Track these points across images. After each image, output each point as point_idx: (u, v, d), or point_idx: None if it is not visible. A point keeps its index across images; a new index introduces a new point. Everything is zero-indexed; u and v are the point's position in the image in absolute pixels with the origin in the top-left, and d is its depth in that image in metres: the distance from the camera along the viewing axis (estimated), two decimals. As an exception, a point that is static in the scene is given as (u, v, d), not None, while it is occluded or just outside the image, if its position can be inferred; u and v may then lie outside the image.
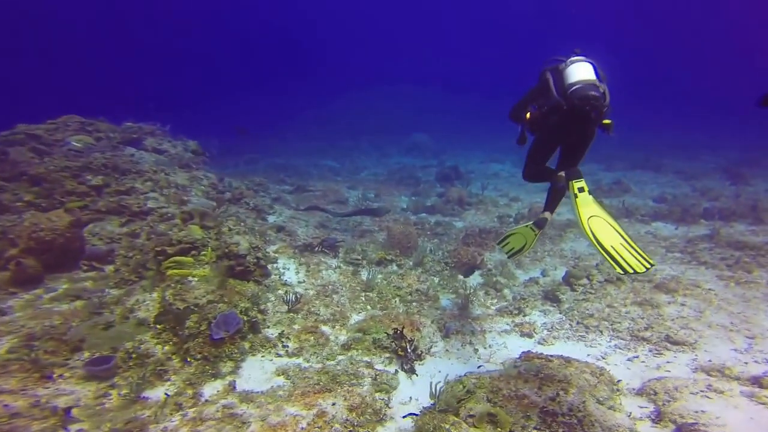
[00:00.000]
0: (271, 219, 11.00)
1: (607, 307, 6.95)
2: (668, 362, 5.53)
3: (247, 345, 5.61)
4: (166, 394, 4.65)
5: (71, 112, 11.89)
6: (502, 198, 15.46)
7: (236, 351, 5.35)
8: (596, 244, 4.17)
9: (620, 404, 4.51)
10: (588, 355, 5.82)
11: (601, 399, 4.36)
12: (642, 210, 12.67)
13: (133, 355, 4.97)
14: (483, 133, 31.90)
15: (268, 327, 6.22)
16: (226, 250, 6.35)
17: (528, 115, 5.01)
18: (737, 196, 14.03)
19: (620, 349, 5.95)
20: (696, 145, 23.85)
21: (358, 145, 28.37)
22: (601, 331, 6.37)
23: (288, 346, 5.87)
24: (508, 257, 5.54)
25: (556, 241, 10.36)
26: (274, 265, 7.91)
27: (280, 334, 6.03)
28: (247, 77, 57.70)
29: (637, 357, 5.71)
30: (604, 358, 5.73)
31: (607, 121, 4.42)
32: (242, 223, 9.32)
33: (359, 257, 8.72)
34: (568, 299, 7.39)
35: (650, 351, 5.82)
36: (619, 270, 3.99)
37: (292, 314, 6.58)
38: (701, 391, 4.65)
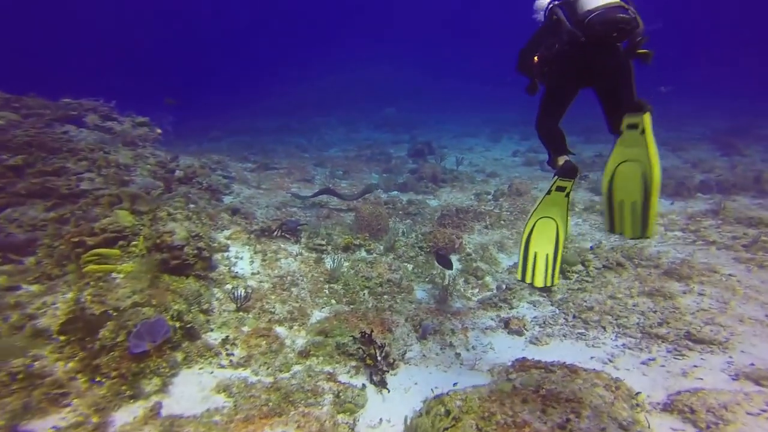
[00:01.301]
0: (227, 199, 9.88)
1: (610, 299, 6.07)
2: (695, 366, 4.60)
3: (179, 356, 4.58)
4: (53, 427, 3.60)
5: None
6: (478, 174, 14.61)
7: (165, 365, 4.32)
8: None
9: (648, 428, 3.60)
10: (591, 357, 4.94)
11: (624, 423, 3.44)
12: (631, 184, 11.80)
13: (19, 376, 3.88)
14: (455, 108, 31.11)
15: (212, 330, 5.19)
16: (158, 241, 5.26)
17: (536, 58, 4.06)
18: (733, 167, 13.27)
19: (630, 349, 5.05)
20: (679, 115, 23.08)
21: (328, 122, 27.13)
22: (604, 328, 5.49)
23: (233, 355, 4.87)
24: (549, 286, 4.26)
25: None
26: (225, 254, 6.85)
27: (225, 340, 5.02)
28: (217, 55, 55.27)
29: (653, 359, 4.79)
30: (611, 361, 4.83)
31: (643, 51, 3.52)
32: (192, 205, 8.23)
33: (323, 242, 7.71)
34: (561, 289, 6.53)
35: (669, 352, 4.90)
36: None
37: (241, 314, 5.57)
38: (763, 410, 3.69)
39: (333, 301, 6.22)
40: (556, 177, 3.91)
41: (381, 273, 6.85)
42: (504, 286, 6.76)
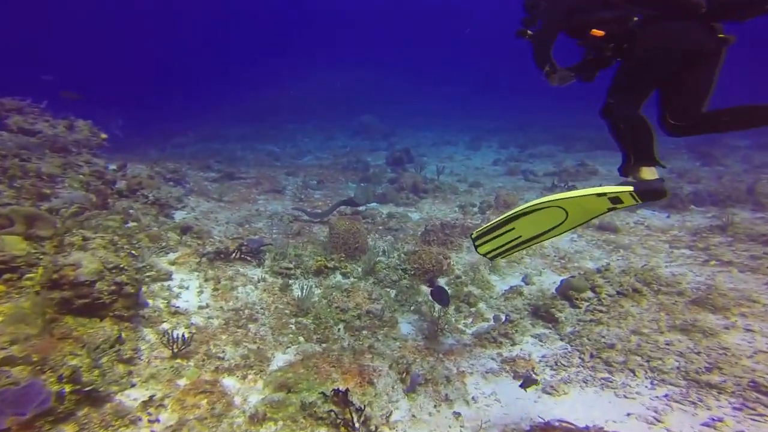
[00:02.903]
0: (178, 215, 8.52)
1: (634, 334, 4.97)
2: (794, 433, 3.45)
3: (69, 430, 3.27)
4: None
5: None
6: (460, 184, 13.57)
7: (45, 449, 3.03)
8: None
9: None
10: (628, 414, 3.81)
11: None
12: (622, 195, 10.94)
13: None
14: (432, 114, 30.41)
15: (133, 386, 3.91)
16: (56, 276, 3.93)
17: (598, 32, 3.08)
18: (718, 178, 12.61)
19: (678, 402, 3.91)
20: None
21: (303, 128, 25.83)
22: (633, 372, 4.36)
23: (159, 421, 3.60)
24: (490, 257, 3.90)
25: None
26: (166, 284, 5.57)
27: (149, 401, 3.74)
28: (189, 58, 53.27)
29: (720, 420, 3.64)
30: (659, 421, 3.69)
31: (724, 35, 2.88)
32: (132, 224, 6.93)
33: (291, 265, 6.48)
34: (570, 319, 5.43)
35: (737, 409, 3.77)
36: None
37: (178, 362, 4.30)
38: None
39: (301, 339, 5.02)
40: (631, 190, 2.96)
41: (359, 303, 5.63)
42: (503, 318, 5.64)
